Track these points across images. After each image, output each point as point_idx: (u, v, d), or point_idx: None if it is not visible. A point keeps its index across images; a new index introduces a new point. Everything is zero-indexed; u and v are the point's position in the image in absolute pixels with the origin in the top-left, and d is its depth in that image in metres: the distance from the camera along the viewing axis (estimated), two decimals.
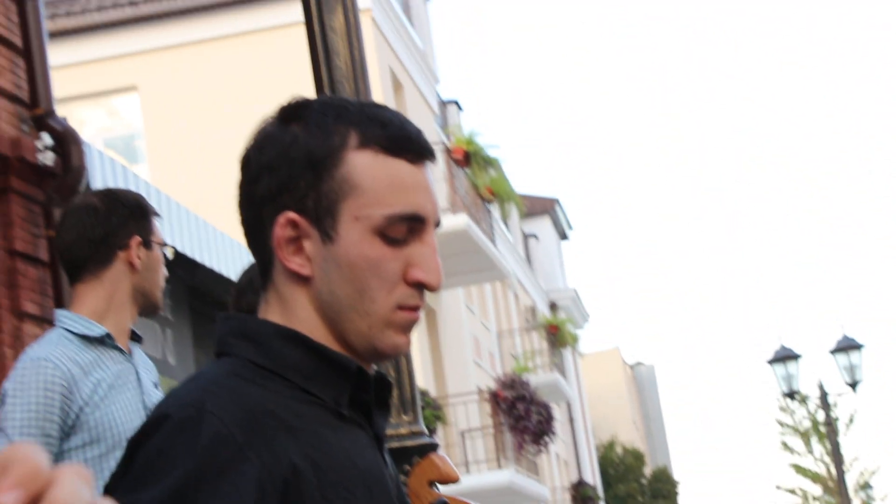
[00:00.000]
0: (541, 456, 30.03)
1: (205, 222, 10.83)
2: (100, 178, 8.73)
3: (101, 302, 3.93)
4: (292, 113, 1.96)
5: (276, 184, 1.91)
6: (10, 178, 8.00)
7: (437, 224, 1.98)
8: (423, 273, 1.91)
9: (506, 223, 34.81)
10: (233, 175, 1.98)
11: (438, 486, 2.03)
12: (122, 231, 3.91)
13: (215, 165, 18.83)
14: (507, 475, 23.07)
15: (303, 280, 1.92)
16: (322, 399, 1.90)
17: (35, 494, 0.87)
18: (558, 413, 33.57)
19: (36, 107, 8.34)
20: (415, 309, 1.93)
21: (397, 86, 24.51)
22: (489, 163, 25.61)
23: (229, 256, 11.20)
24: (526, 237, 43.09)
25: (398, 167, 1.91)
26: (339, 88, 3.53)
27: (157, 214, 4.06)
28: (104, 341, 3.88)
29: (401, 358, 3.76)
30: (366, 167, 1.90)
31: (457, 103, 34.26)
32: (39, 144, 8.25)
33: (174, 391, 1.85)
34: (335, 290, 1.91)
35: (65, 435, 3.71)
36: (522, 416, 24.96)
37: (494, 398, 25.37)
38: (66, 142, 8.30)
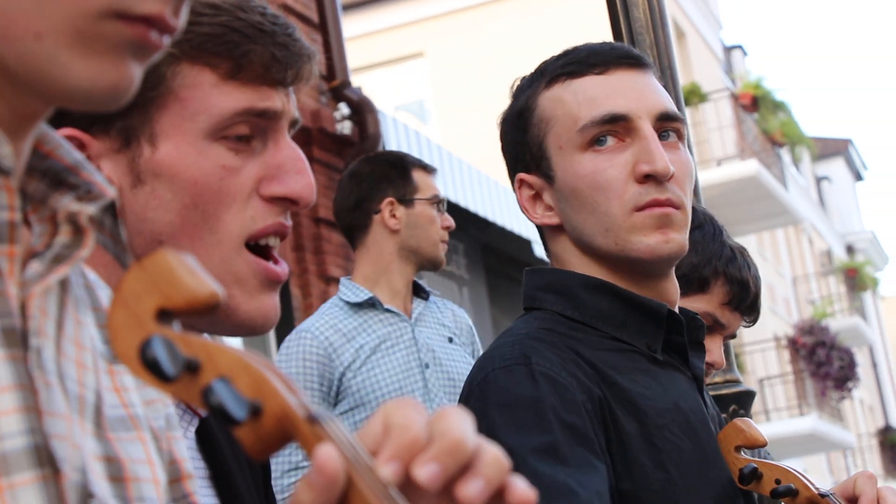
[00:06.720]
0: (844, 402, 29.28)
1: (495, 182, 10.99)
2: (394, 143, 8.99)
3: (368, 266, 3.99)
4: (512, 93, 2.04)
5: (508, 157, 2.02)
6: (312, 148, 8.34)
7: (669, 117, 1.93)
8: (649, 164, 1.88)
9: (797, 167, 33.96)
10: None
11: (746, 451, 1.98)
12: (375, 194, 3.95)
13: None
14: (810, 422, 22.61)
15: (559, 230, 1.97)
16: (635, 346, 1.92)
17: (411, 461, 0.85)
18: (860, 358, 32.63)
19: (333, 79, 8.64)
20: (655, 204, 1.88)
21: (679, 34, 24.19)
22: (778, 107, 25.02)
23: (520, 214, 11.33)
24: (819, 180, 41.87)
25: (584, 84, 1.93)
26: (639, 40, 3.48)
27: (427, 169, 4.06)
28: (374, 305, 3.94)
29: None
30: (555, 99, 1.94)
31: (741, 48, 33.51)
32: (337, 115, 8.57)
33: (493, 352, 1.90)
34: (575, 224, 1.94)
35: (333, 401, 3.82)
36: (823, 361, 24.38)
37: (793, 345, 24.87)
38: (363, 111, 8.58)
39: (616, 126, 1.90)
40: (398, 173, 3.98)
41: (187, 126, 1.38)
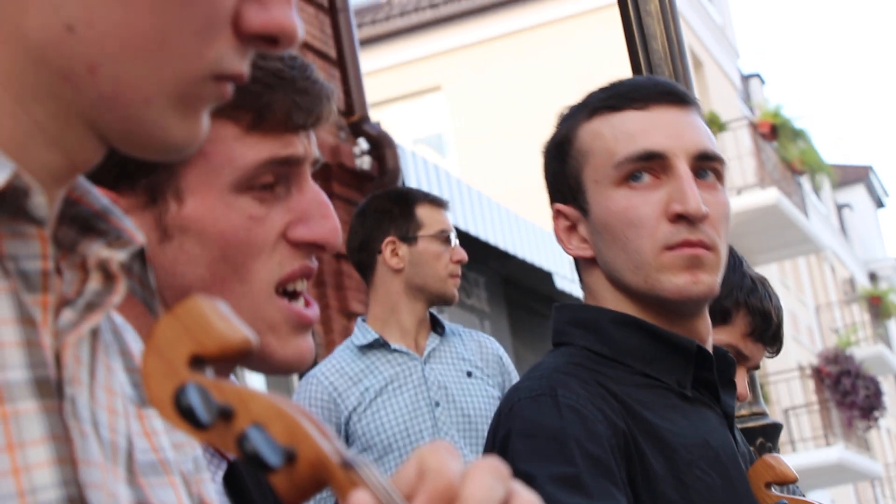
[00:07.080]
0: (871, 432, 29.10)
1: (515, 214, 11.00)
2: (413, 178, 9.00)
3: (378, 306, 3.96)
4: (558, 120, 2.04)
5: (548, 186, 2.01)
6: (331, 183, 8.35)
7: (708, 157, 1.91)
8: (681, 204, 1.86)
9: (817, 194, 33.88)
10: (539, 165, 2.10)
11: (776, 487, 1.97)
12: (377, 234, 3.92)
13: (522, 157, 19.07)
14: (837, 452, 22.47)
15: (593, 263, 1.96)
16: (665, 382, 1.90)
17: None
18: (886, 386, 32.43)
19: (351, 114, 8.66)
20: (686, 244, 1.87)
21: (697, 64, 24.20)
22: (797, 134, 24.97)
23: (541, 246, 11.35)
24: (840, 208, 41.76)
25: (623, 119, 1.92)
26: (658, 72, 3.46)
27: (435, 203, 4.01)
28: (382, 346, 3.91)
29: None
30: (594, 132, 1.93)
31: (759, 76, 33.51)
32: (356, 150, 8.58)
33: (521, 384, 1.90)
34: (607, 259, 1.93)
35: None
36: (849, 391, 24.25)
37: (818, 374, 24.74)
38: (381, 145, 8.60)
39: (652, 163, 1.89)
40: (400, 211, 3.94)
41: (212, 180, 1.38)
